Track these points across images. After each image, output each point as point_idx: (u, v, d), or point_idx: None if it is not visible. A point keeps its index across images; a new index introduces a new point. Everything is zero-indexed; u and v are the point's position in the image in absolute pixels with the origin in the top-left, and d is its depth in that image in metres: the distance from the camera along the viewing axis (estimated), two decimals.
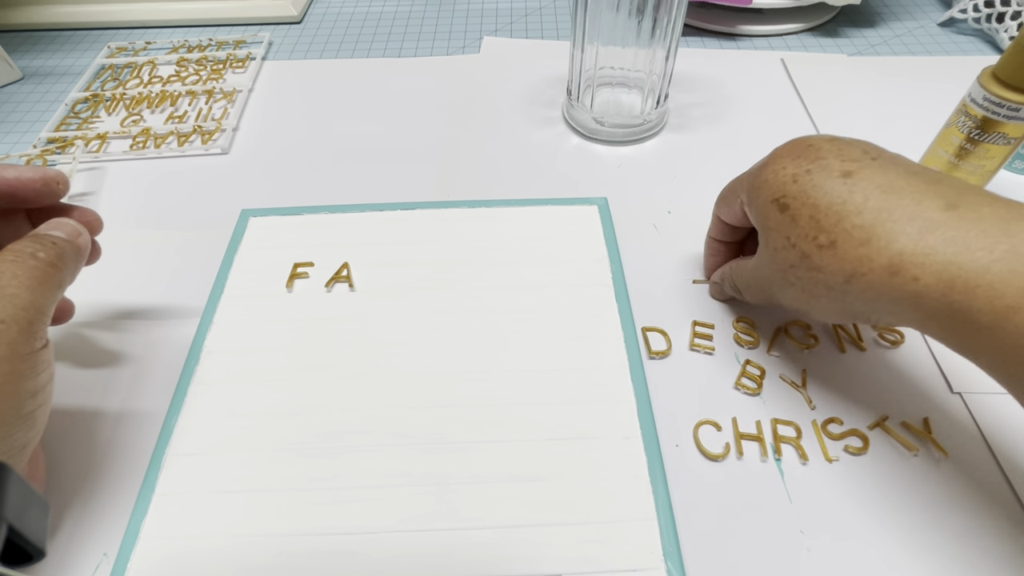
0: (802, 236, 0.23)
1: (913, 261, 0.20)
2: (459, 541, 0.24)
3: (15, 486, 0.16)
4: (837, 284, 0.22)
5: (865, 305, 0.22)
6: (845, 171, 0.22)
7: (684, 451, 0.27)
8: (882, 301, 0.21)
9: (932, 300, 0.20)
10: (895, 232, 0.21)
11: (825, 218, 0.22)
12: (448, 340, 0.30)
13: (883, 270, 0.21)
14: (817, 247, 0.22)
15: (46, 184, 0.25)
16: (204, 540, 0.24)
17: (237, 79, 0.48)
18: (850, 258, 0.21)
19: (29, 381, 0.21)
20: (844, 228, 0.22)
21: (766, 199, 0.24)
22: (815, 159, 0.23)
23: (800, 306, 0.25)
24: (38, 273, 0.22)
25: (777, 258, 0.24)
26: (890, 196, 0.21)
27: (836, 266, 0.22)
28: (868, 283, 0.21)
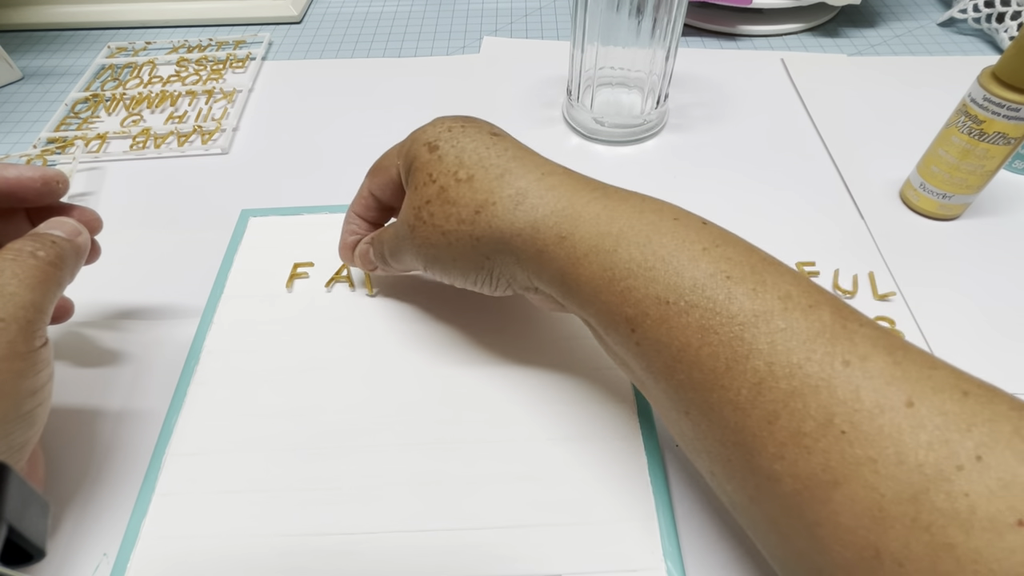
0: (444, 171, 0.24)
1: (535, 193, 0.23)
2: (459, 541, 0.24)
3: (15, 486, 0.16)
4: (468, 216, 0.24)
5: (491, 245, 0.24)
6: (493, 132, 0.26)
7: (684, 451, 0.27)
8: (504, 236, 0.23)
9: (547, 229, 0.22)
10: (524, 170, 0.24)
11: (468, 158, 0.24)
12: (448, 340, 0.30)
13: (510, 199, 0.23)
14: (456, 180, 0.24)
15: (46, 183, 0.25)
16: (204, 540, 0.24)
17: (237, 79, 0.48)
18: (483, 189, 0.23)
19: (28, 380, 0.21)
20: (483, 166, 0.24)
21: (419, 143, 0.26)
22: (469, 123, 0.26)
23: (431, 252, 0.25)
24: (38, 272, 0.22)
25: (416, 196, 0.25)
26: (525, 153, 0.25)
27: (470, 198, 0.24)
28: (494, 213, 0.23)
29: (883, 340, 0.18)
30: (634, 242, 0.20)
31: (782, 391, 0.17)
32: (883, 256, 0.34)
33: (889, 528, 0.15)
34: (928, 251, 0.34)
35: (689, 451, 0.21)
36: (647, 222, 0.21)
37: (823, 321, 0.18)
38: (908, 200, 0.36)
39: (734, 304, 0.18)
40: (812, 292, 0.19)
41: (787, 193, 0.38)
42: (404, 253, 0.27)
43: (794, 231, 0.35)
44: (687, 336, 0.19)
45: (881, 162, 0.39)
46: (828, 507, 0.16)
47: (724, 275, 0.19)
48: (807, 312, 0.18)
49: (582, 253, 0.21)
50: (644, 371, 0.21)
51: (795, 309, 0.18)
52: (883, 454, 0.16)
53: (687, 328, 0.19)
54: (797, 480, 0.17)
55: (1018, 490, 0.14)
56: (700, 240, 0.20)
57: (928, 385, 0.16)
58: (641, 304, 0.20)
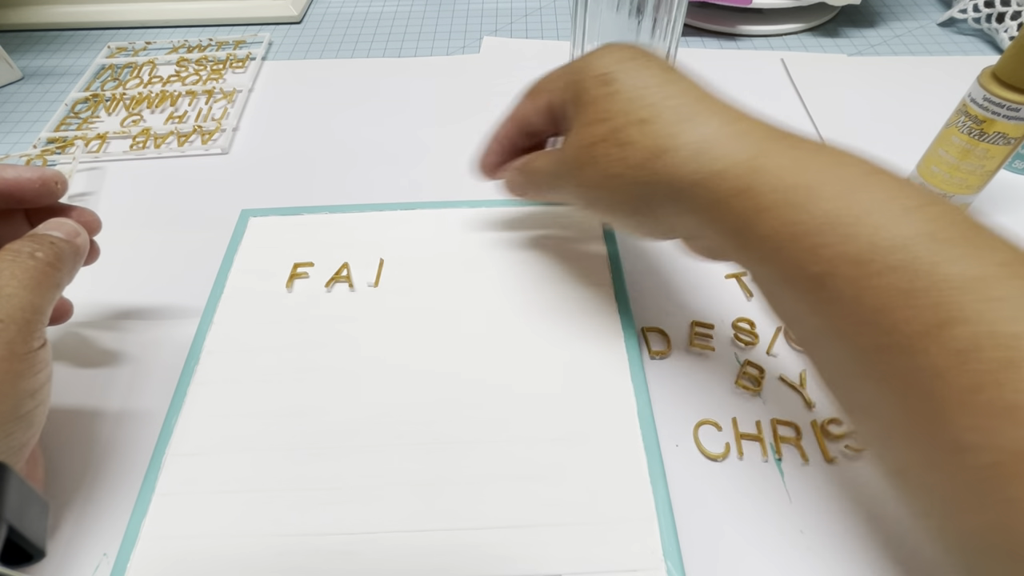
0: (620, 111, 0.23)
1: (718, 142, 0.21)
2: (459, 541, 0.24)
3: (15, 486, 0.16)
4: (641, 160, 0.22)
5: (658, 189, 0.22)
6: (668, 67, 0.24)
7: (684, 451, 0.27)
8: (678, 185, 0.22)
9: (726, 180, 0.21)
10: (707, 116, 0.22)
11: (647, 96, 0.23)
12: (448, 340, 0.30)
13: (691, 147, 0.21)
14: (630, 122, 0.22)
15: (44, 184, 0.25)
16: (204, 540, 0.24)
17: (237, 79, 0.48)
18: (663, 134, 0.22)
19: (27, 380, 0.21)
20: (666, 106, 0.22)
21: (591, 74, 0.24)
22: (643, 54, 0.24)
23: (589, 192, 0.24)
24: (36, 273, 0.22)
25: (587, 133, 0.24)
26: (709, 95, 0.23)
27: (647, 142, 0.22)
28: (672, 161, 0.21)
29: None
30: (828, 196, 0.19)
31: (994, 361, 0.16)
32: None
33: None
34: None
35: (853, 413, 0.20)
36: (844, 176, 0.19)
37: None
38: None
39: (942, 268, 0.17)
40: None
41: None
42: (562, 188, 0.26)
43: None
44: (884, 299, 0.17)
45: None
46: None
47: (931, 236, 0.17)
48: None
49: (766, 206, 0.20)
50: (822, 330, 0.20)
51: (1015, 277, 0.17)
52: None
53: (886, 291, 0.17)
54: (1001, 452, 0.16)
55: None
56: (903, 197, 0.18)
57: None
58: (833, 262, 0.18)
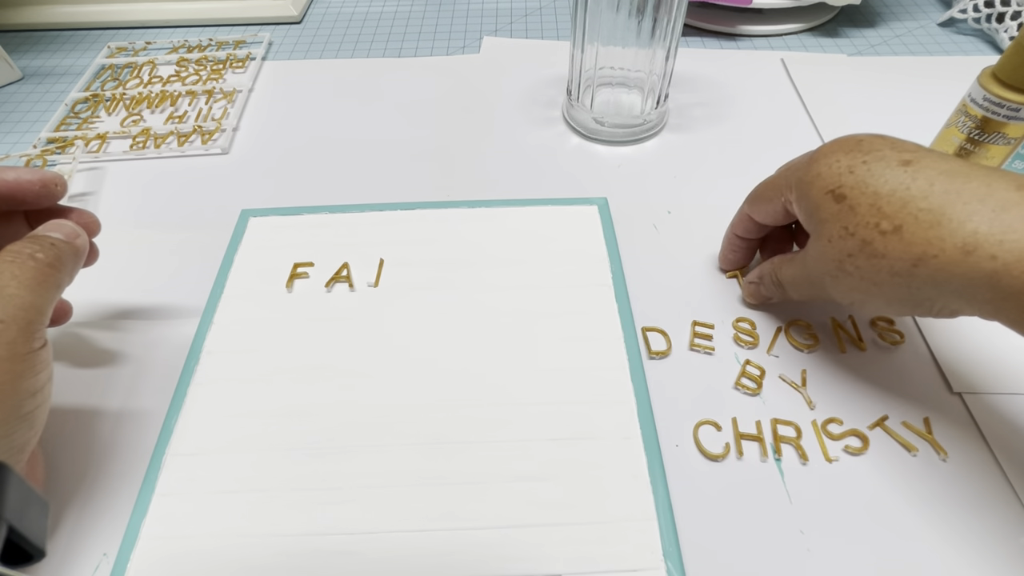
0: (862, 224, 0.22)
1: (989, 240, 0.20)
2: (459, 541, 0.24)
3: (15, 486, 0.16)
4: (903, 269, 0.21)
5: (932, 290, 0.21)
6: (904, 160, 0.22)
7: (684, 451, 0.27)
8: (953, 284, 0.21)
9: (1011, 278, 0.19)
10: (967, 212, 0.20)
11: (888, 204, 0.22)
12: (448, 340, 0.30)
13: (956, 250, 0.20)
14: (880, 233, 0.22)
15: (44, 186, 0.25)
16: (204, 540, 0.24)
17: (237, 79, 0.48)
18: (918, 241, 0.21)
19: (28, 381, 0.21)
20: (910, 212, 0.21)
21: (820, 191, 0.24)
22: (869, 151, 0.23)
23: (857, 297, 0.24)
24: (37, 274, 0.22)
25: (833, 249, 0.24)
26: (956, 179, 0.21)
27: (902, 251, 0.21)
28: (939, 265, 0.21)
29: None
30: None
31: None
32: None
33: None
34: None
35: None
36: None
37: None
38: None
39: None
40: None
41: None
42: (822, 294, 0.26)
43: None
44: None
45: None
46: None
47: None
48: None
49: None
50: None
51: None
52: None
53: None
54: None
55: None
56: None
57: None
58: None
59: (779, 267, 0.29)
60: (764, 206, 0.28)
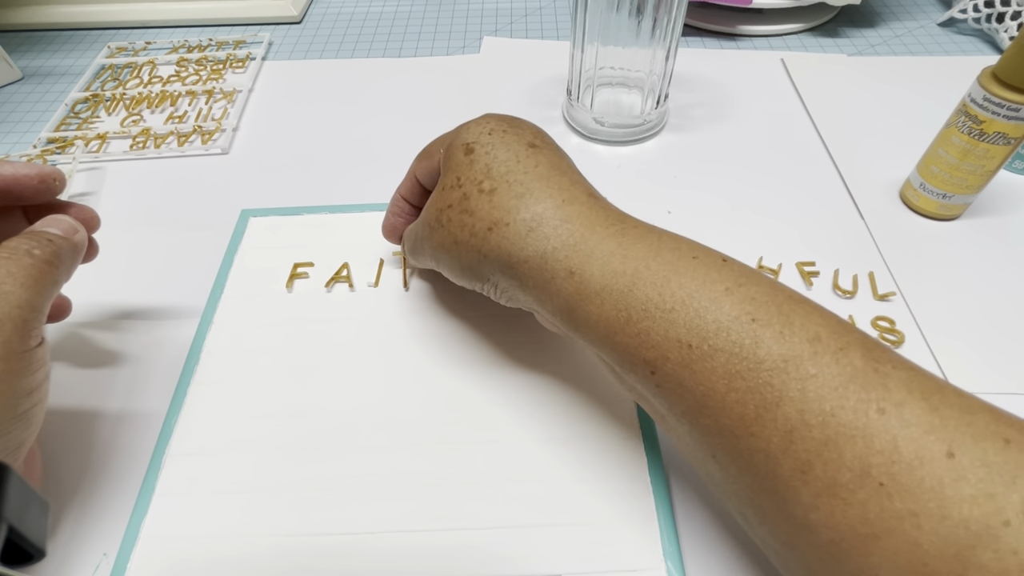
0: (471, 179, 0.24)
1: (550, 222, 0.22)
2: (459, 541, 0.24)
3: (15, 486, 0.16)
4: (480, 230, 0.23)
5: (494, 261, 0.23)
6: (532, 143, 0.25)
7: None
8: (512, 260, 0.22)
9: (556, 262, 0.22)
10: (545, 195, 0.23)
11: (497, 169, 0.24)
12: (447, 340, 0.30)
13: (524, 223, 0.22)
14: (479, 191, 0.24)
15: (42, 181, 0.25)
16: (204, 540, 0.24)
17: (237, 79, 0.48)
18: (502, 207, 0.23)
19: (24, 379, 0.21)
20: (507, 181, 0.23)
21: (460, 142, 0.25)
22: (515, 126, 0.26)
23: (441, 256, 0.25)
24: (33, 271, 0.22)
25: (441, 197, 0.25)
26: (555, 172, 0.24)
27: (486, 213, 0.23)
28: (506, 234, 0.22)
29: (918, 383, 0.17)
30: (651, 282, 0.20)
31: (815, 440, 0.16)
32: (883, 256, 0.34)
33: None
34: (928, 251, 0.34)
35: (718, 492, 0.21)
36: (664, 261, 0.20)
37: (854, 365, 0.17)
38: (908, 200, 0.36)
39: (761, 349, 0.18)
40: (841, 333, 0.18)
41: (787, 193, 0.38)
42: (422, 251, 0.27)
43: (794, 231, 0.35)
44: (712, 381, 0.18)
45: (881, 162, 0.39)
46: (868, 560, 0.16)
47: (749, 317, 0.18)
48: (837, 356, 0.17)
49: (593, 291, 0.21)
50: (666, 411, 0.20)
51: (825, 353, 0.17)
52: (925, 508, 0.15)
53: (712, 373, 0.18)
54: (834, 531, 0.16)
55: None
56: (722, 280, 0.19)
57: (968, 433, 0.16)
58: (661, 347, 0.19)
59: (410, 227, 0.29)
60: (425, 162, 0.28)
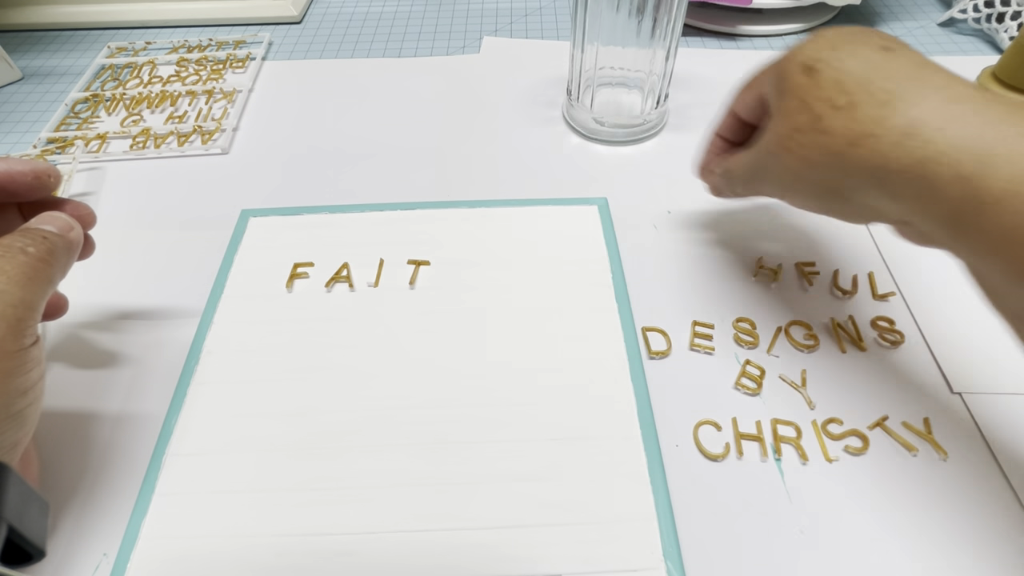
0: (820, 97, 0.22)
1: (932, 124, 0.19)
2: (459, 541, 0.24)
3: (15, 486, 0.16)
4: (840, 147, 0.21)
5: (859, 178, 0.21)
6: (886, 46, 0.22)
7: (684, 451, 0.27)
8: (882, 171, 0.20)
9: (941, 167, 0.19)
10: (920, 96, 0.20)
11: (851, 81, 0.21)
12: (447, 340, 0.30)
13: (897, 131, 0.20)
14: (832, 108, 0.21)
15: (37, 177, 0.25)
16: (204, 540, 0.24)
17: (237, 79, 0.48)
18: (865, 119, 0.21)
19: (18, 379, 0.21)
20: (869, 91, 0.21)
21: (794, 63, 0.23)
22: (858, 34, 0.23)
23: (788, 180, 0.24)
24: (28, 269, 0.21)
25: (784, 123, 0.23)
26: (925, 70, 0.21)
27: (845, 128, 0.21)
28: (875, 147, 0.20)
29: None
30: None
31: None
32: (883, 256, 0.34)
33: None
34: (928, 251, 0.34)
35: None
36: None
37: None
38: None
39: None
40: None
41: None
42: (761, 181, 0.26)
43: (794, 231, 0.35)
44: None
45: None
46: None
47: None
48: None
49: (995, 197, 0.18)
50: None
51: None
52: None
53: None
54: None
55: None
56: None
57: None
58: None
59: (731, 158, 0.28)
60: (745, 94, 0.27)
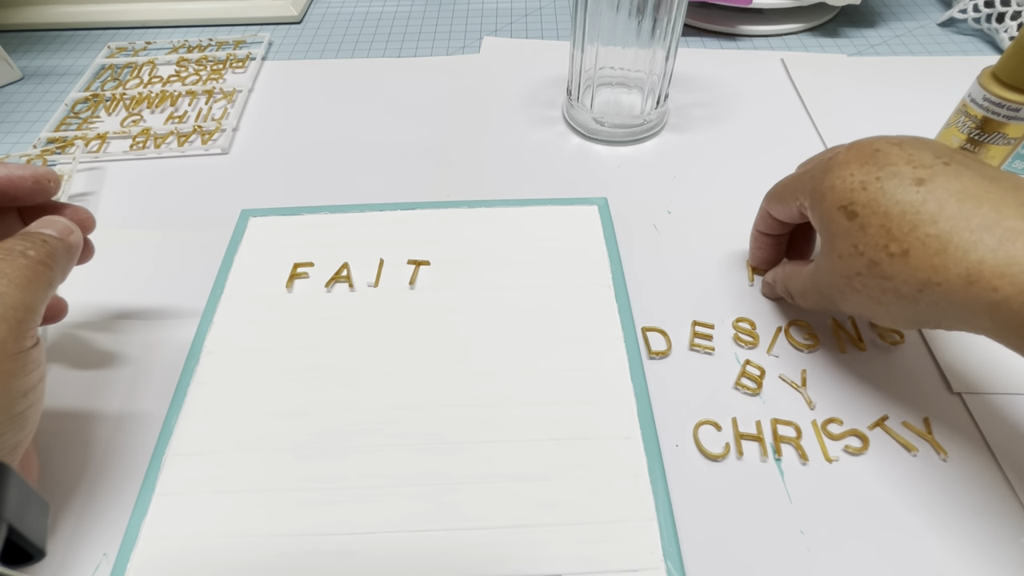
0: (871, 244, 0.22)
1: (993, 271, 0.19)
2: (459, 541, 0.24)
3: (15, 486, 0.16)
4: (909, 293, 0.22)
5: (937, 313, 0.22)
6: (917, 178, 0.22)
7: (684, 451, 0.27)
8: (956, 310, 0.21)
9: (1010, 311, 0.19)
10: (973, 241, 0.20)
11: (897, 227, 0.22)
12: (447, 340, 0.30)
13: (959, 279, 0.20)
14: (888, 255, 0.22)
15: (37, 182, 0.25)
16: (204, 540, 0.24)
17: (237, 79, 0.48)
18: (924, 267, 0.21)
19: (19, 380, 0.21)
20: (918, 237, 0.21)
21: (832, 205, 0.24)
22: (884, 165, 0.23)
23: (865, 312, 0.24)
24: (28, 272, 0.22)
25: (842, 265, 0.24)
26: (966, 204, 0.21)
27: (908, 275, 0.21)
28: (942, 293, 0.21)
29: None
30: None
31: None
32: None
33: None
34: None
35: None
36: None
37: None
38: None
39: None
40: None
41: None
42: (827, 303, 0.26)
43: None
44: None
45: None
46: None
47: None
48: None
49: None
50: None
51: None
52: None
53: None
54: None
55: None
56: None
57: None
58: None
59: (790, 275, 0.29)
60: (781, 207, 0.28)
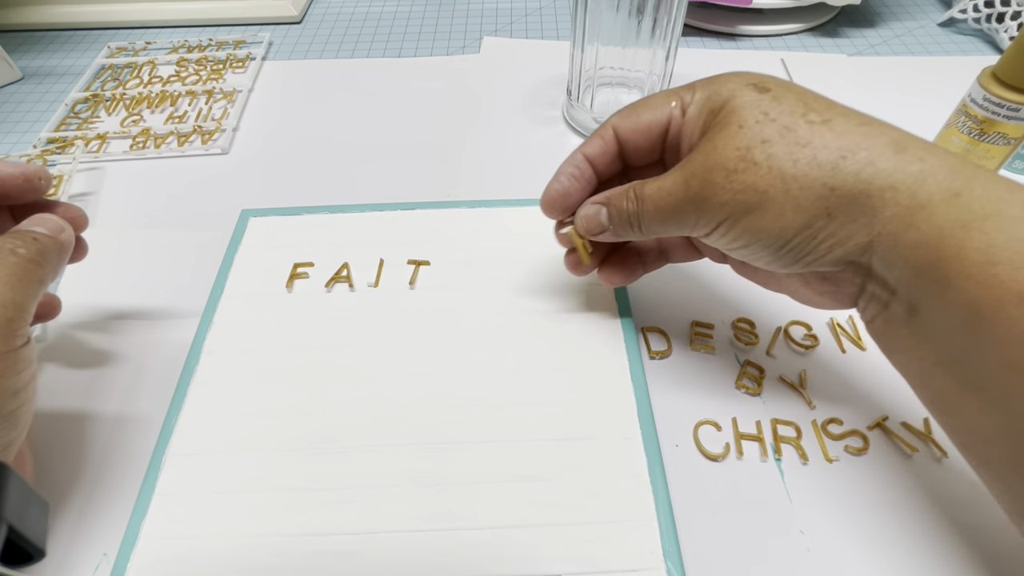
0: (786, 111, 0.20)
1: (917, 144, 0.19)
2: (459, 541, 0.24)
3: (15, 486, 0.16)
4: (829, 160, 0.19)
5: (845, 196, 0.19)
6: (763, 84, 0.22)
7: (684, 451, 0.27)
8: (874, 186, 0.19)
9: (935, 182, 0.18)
10: (888, 126, 0.20)
11: (815, 102, 0.21)
12: (447, 340, 0.30)
13: (888, 146, 0.19)
14: (807, 122, 0.20)
15: (27, 180, 0.25)
16: (204, 540, 0.24)
17: (237, 79, 0.48)
18: (850, 132, 0.20)
19: (9, 379, 0.21)
20: (839, 112, 0.20)
21: (738, 84, 0.22)
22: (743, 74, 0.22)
23: (745, 202, 0.20)
24: (18, 270, 0.21)
25: (742, 136, 0.21)
26: (813, 101, 0.21)
27: (831, 139, 0.20)
28: (868, 159, 0.19)
29: None
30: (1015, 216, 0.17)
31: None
32: None
33: None
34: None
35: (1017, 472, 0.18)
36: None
37: None
38: None
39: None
40: None
41: None
42: (687, 212, 0.22)
43: None
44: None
45: None
46: None
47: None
48: None
49: (979, 215, 0.17)
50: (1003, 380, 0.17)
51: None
52: None
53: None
54: None
55: None
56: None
57: None
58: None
59: (637, 186, 0.24)
60: (646, 112, 0.24)
